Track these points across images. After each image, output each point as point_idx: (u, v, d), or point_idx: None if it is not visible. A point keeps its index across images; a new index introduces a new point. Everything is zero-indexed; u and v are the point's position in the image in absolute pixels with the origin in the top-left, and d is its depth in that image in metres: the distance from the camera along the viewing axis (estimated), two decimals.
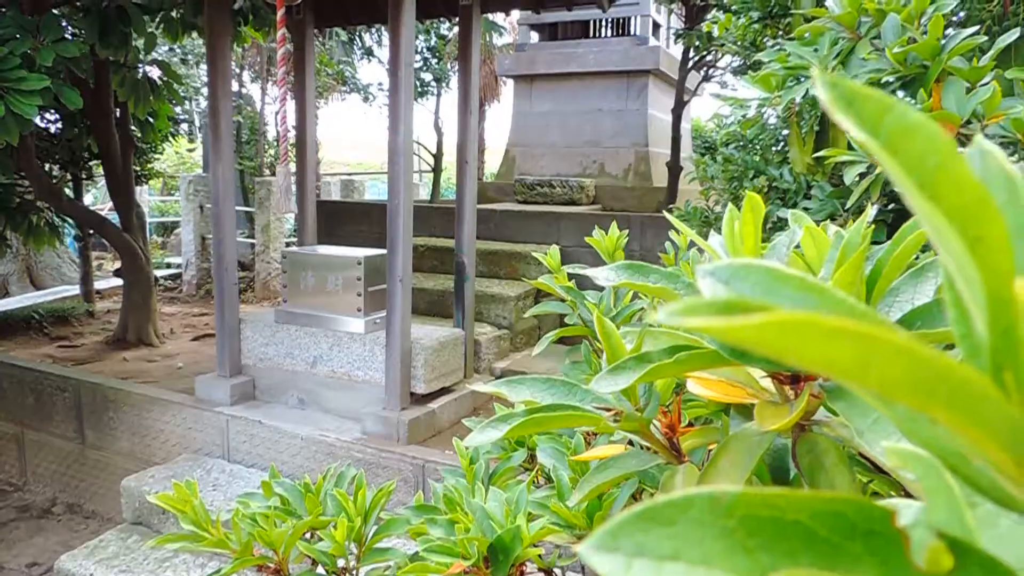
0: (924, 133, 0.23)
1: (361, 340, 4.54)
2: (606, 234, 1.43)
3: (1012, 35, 0.97)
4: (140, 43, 5.76)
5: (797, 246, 0.56)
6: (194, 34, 6.37)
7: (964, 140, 0.92)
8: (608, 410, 0.55)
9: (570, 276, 1.26)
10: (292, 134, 5.41)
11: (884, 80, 1.02)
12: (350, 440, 4.22)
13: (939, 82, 0.96)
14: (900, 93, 0.99)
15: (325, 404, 4.69)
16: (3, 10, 4.95)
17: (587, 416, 0.53)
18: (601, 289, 1.30)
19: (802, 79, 1.99)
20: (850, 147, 1.13)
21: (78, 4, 5.49)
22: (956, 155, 0.23)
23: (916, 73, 0.99)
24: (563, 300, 1.23)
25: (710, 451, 0.59)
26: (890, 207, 1.76)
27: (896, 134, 0.24)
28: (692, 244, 1.83)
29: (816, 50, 1.50)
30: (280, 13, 4.00)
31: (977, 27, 1.51)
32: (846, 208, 1.36)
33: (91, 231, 7.53)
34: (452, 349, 4.83)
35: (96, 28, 4.87)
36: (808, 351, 0.21)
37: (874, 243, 1.86)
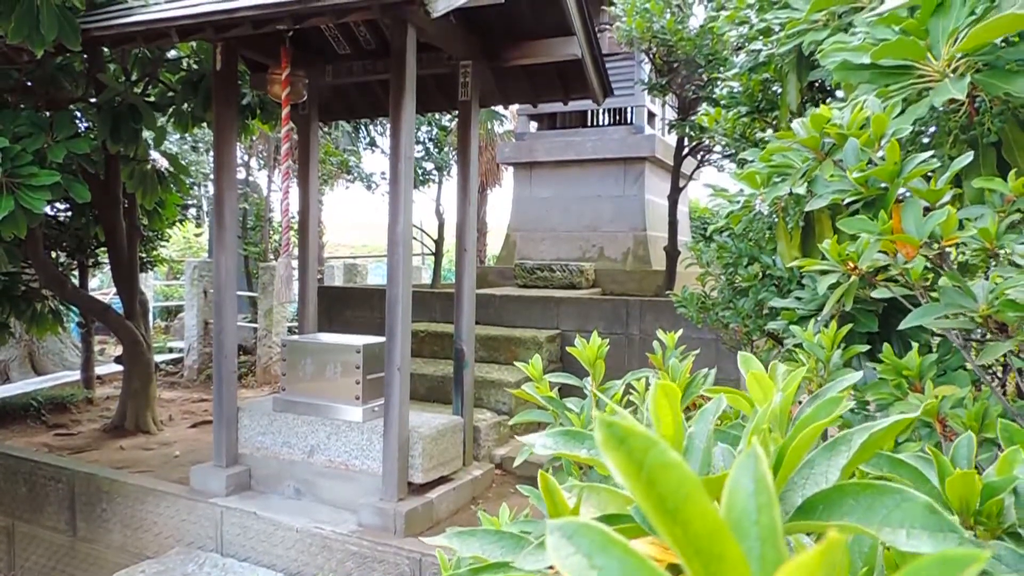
0: (678, 470, 0.29)
1: (359, 429, 4.50)
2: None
3: (967, 158, 1.01)
4: (150, 137, 5.96)
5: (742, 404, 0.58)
6: (204, 124, 6.59)
7: (934, 262, 0.95)
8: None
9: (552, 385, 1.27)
10: (295, 220, 5.54)
11: (847, 201, 1.07)
12: (346, 533, 4.13)
13: (899, 203, 1.00)
14: (863, 214, 1.04)
15: (322, 494, 4.61)
16: (21, 107, 5.16)
17: None
18: (583, 397, 1.31)
19: (786, 177, 2.05)
20: (823, 256, 1.17)
21: (92, 100, 5.71)
22: (700, 490, 0.30)
23: (877, 194, 1.03)
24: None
25: None
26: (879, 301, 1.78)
27: (656, 468, 0.30)
28: (679, 343, 1.84)
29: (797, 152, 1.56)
30: (285, 111, 4.15)
31: (945, 136, 1.57)
32: (819, 317, 1.39)
33: (94, 319, 7.58)
34: (451, 437, 4.78)
35: (108, 124, 5.04)
36: None
37: (864, 333, 1.85)
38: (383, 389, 4.35)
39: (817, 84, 3.51)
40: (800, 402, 1.47)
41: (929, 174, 1.03)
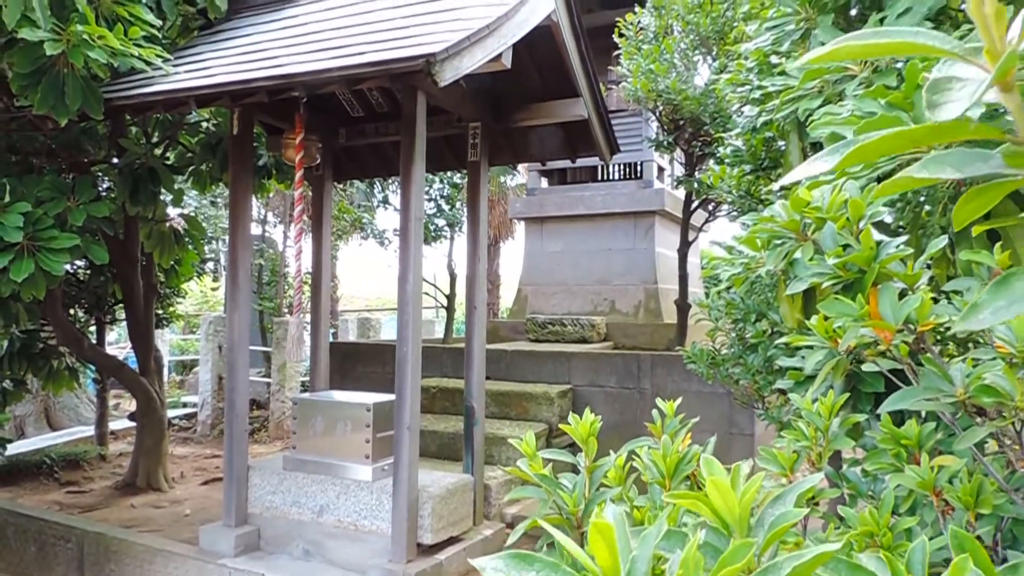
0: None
1: (368, 488, 4.48)
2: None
3: (941, 241, 1.04)
4: (168, 197, 6.10)
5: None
6: (222, 182, 6.75)
7: (911, 346, 0.97)
8: None
9: (545, 461, 1.28)
10: (309, 275, 5.62)
11: (825, 285, 1.10)
12: None
13: (876, 286, 1.02)
14: (841, 296, 1.06)
15: (330, 555, 4.57)
16: (45, 169, 5.32)
17: None
18: (576, 459, 1.32)
19: (787, 241, 2.08)
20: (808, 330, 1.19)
21: (114, 161, 5.89)
22: None
23: (855, 278, 1.06)
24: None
25: None
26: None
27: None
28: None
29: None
30: (299, 175, 4.26)
31: (938, 205, 1.59)
32: (814, 395, 1.40)
33: (109, 375, 7.65)
34: (461, 496, 4.74)
35: (128, 187, 5.18)
36: None
37: (871, 393, 1.83)
38: (393, 448, 4.35)
39: (819, 143, 3.57)
40: (790, 481, 1.47)
41: (906, 258, 1.06)
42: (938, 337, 1.10)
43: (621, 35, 6.89)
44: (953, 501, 1.26)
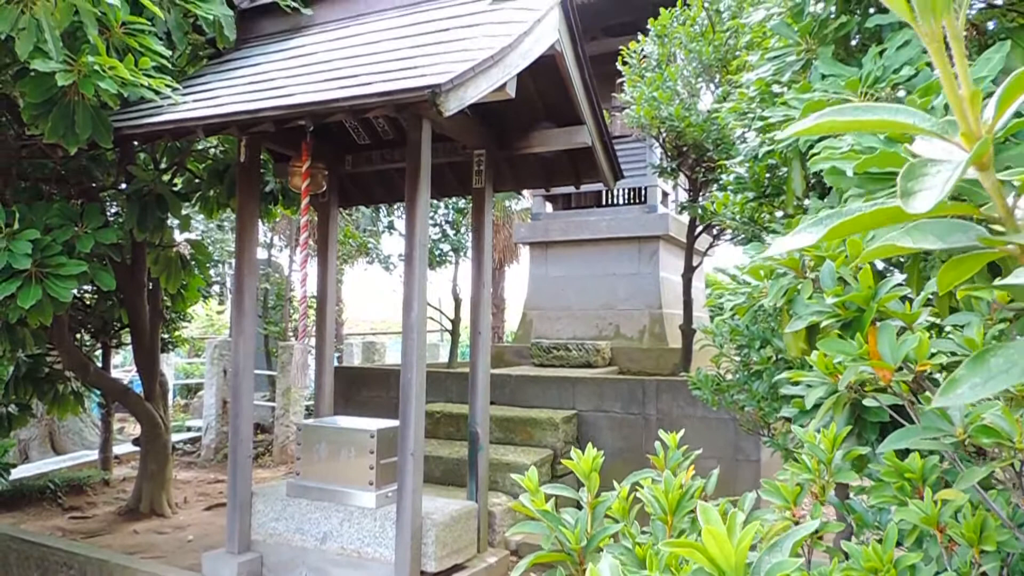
0: None
1: (372, 515, 4.46)
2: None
3: (933, 284, 1.06)
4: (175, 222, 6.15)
5: None
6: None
7: (910, 386, 0.98)
8: None
9: (547, 497, 1.29)
10: (313, 298, 5.64)
11: (824, 324, 1.11)
12: None
13: (875, 324, 1.03)
14: (840, 334, 1.07)
15: None
16: (55, 195, 5.37)
17: None
18: (579, 507, 1.32)
19: (788, 272, 2.09)
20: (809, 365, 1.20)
21: (122, 189, 5.95)
22: None
23: (854, 316, 1.07)
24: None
25: None
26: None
27: None
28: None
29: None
30: (304, 202, 4.29)
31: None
32: (816, 427, 1.40)
33: (115, 400, 7.66)
34: (465, 523, 4.72)
35: (136, 213, 5.23)
36: None
37: (876, 423, 1.82)
38: (397, 474, 4.34)
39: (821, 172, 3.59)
40: (796, 522, 1.46)
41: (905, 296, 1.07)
42: (941, 366, 1.11)
43: (625, 63, 6.97)
44: (957, 537, 1.26)
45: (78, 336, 7.47)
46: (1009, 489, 1.12)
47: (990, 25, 2.70)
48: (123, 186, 5.91)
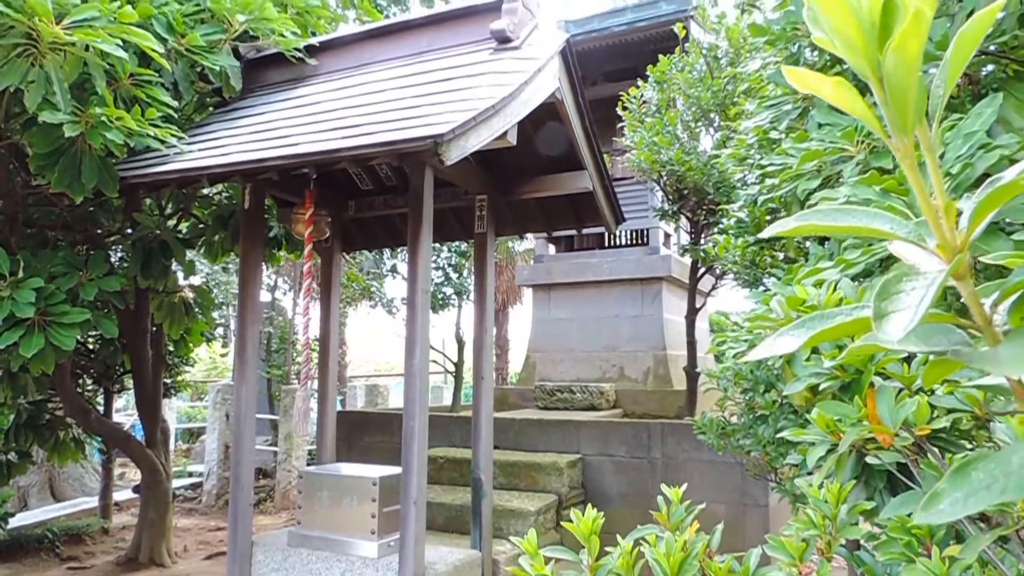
0: None
1: (374, 566, 4.39)
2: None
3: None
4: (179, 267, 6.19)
5: None
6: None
7: (910, 451, 0.97)
8: None
9: (547, 559, 1.26)
10: (316, 341, 5.63)
11: (823, 386, 1.10)
12: None
13: (873, 387, 1.03)
14: (839, 396, 1.07)
15: None
16: (60, 241, 5.41)
17: None
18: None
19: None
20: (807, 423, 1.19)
21: (127, 234, 5.99)
22: None
23: (852, 378, 1.06)
24: None
25: None
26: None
27: None
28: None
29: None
30: (308, 248, 4.32)
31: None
32: (820, 481, 1.39)
33: (115, 446, 7.61)
34: (468, 574, 4.63)
35: (140, 260, 5.26)
36: None
37: (869, 487, 1.80)
38: (399, 523, 4.28)
39: None
40: (799, 572, 1.43)
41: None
42: (943, 429, 1.10)
43: (624, 108, 7.06)
44: None
45: (80, 381, 7.46)
46: (1017, 555, 1.10)
47: (986, 69, 2.73)
48: (128, 231, 5.96)
